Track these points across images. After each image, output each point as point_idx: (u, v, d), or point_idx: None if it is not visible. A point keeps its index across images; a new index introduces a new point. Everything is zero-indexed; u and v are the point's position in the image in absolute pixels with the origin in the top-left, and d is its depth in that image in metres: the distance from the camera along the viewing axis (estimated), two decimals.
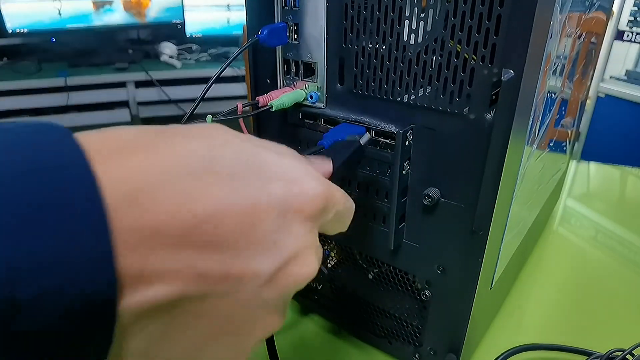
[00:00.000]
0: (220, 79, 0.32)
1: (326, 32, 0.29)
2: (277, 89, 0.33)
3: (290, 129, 0.34)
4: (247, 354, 0.18)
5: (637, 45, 1.91)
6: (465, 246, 0.28)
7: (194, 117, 0.26)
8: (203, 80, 1.66)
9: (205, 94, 0.29)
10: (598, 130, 1.91)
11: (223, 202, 0.15)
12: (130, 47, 1.86)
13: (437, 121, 0.27)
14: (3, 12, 1.57)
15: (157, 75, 1.65)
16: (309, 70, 0.32)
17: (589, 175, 0.79)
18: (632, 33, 1.77)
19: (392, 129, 0.28)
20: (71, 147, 0.13)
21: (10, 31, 1.61)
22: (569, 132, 0.50)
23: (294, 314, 0.41)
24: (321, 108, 0.31)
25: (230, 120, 0.28)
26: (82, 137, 0.13)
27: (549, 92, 0.31)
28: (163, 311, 0.14)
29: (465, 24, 0.24)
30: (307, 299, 0.41)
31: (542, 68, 0.27)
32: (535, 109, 0.29)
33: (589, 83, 0.52)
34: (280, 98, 0.31)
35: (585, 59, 0.43)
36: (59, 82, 1.55)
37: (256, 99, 0.31)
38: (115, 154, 0.14)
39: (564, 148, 0.50)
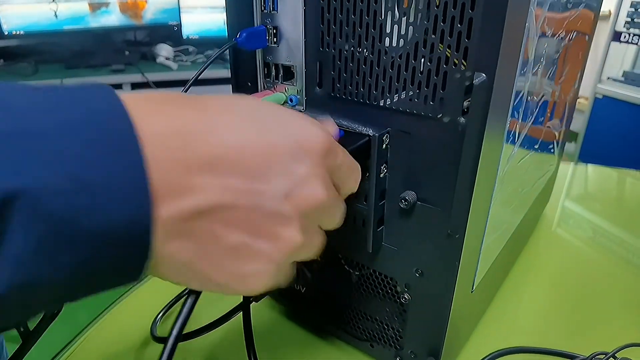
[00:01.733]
0: (213, 81, 0.32)
1: (304, 36, 0.29)
2: (257, 92, 0.33)
3: None
4: (273, 272, 0.21)
5: (634, 46, 1.91)
6: (442, 250, 0.28)
7: None
8: (199, 82, 1.65)
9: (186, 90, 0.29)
10: (596, 131, 1.90)
11: (247, 139, 0.19)
12: (127, 48, 1.86)
13: (413, 125, 0.27)
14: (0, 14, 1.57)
15: (153, 77, 1.65)
16: (289, 74, 0.32)
17: (587, 177, 0.79)
18: (629, 34, 1.77)
19: (370, 132, 0.28)
20: (113, 100, 0.17)
21: (6, 33, 1.61)
22: (557, 133, 0.50)
23: (279, 316, 0.41)
24: (301, 111, 0.31)
25: None
26: (123, 95, 0.18)
27: (529, 93, 0.31)
28: (199, 218, 0.18)
29: (437, 27, 0.24)
30: (291, 302, 0.41)
31: (518, 70, 0.27)
32: (513, 111, 0.29)
33: (577, 84, 0.52)
34: (274, 96, 0.31)
35: (571, 60, 0.43)
36: (55, 83, 1.55)
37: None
38: (151, 105, 0.18)
39: (552, 149, 0.50)
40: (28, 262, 0.15)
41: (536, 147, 0.40)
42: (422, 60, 0.25)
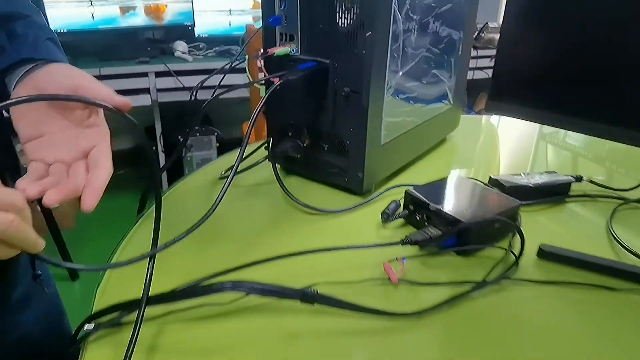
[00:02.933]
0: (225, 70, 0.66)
1: (299, 19, 0.64)
2: (276, 46, 0.68)
3: (282, 65, 0.68)
4: None
5: None
6: (360, 116, 0.63)
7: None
8: (210, 70, 2.00)
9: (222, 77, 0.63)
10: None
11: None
12: (150, 44, 2.20)
13: (345, 56, 0.61)
14: (48, 16, 1.91)
15: (173, 67, 2.00)
16: (292, 38, 0.66)
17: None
18: None
19: (327, 61, 0.62)
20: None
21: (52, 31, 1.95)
22: (446, 82, 0.84)
23: (283, 172, 0.75)
24: (298, 55, 0.66)
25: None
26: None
27: (405, 44, 0.66)
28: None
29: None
30: (290, 164, 0.75)
31: (390, 28, 0.61)
32: (393, 49, 0.63)
33: (460, 43, 0.87)
34: (279, 50, 0.66)
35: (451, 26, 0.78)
36: (93, 72, 1.88)
37: (267, 51, 0.65)
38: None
39: (444, 99, 0.84)
40: None
41: (424, 81, 0.75)
42: (345, 22, 0.59)
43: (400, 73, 0.67)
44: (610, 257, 0.54)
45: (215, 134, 2.25)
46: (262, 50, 0.66)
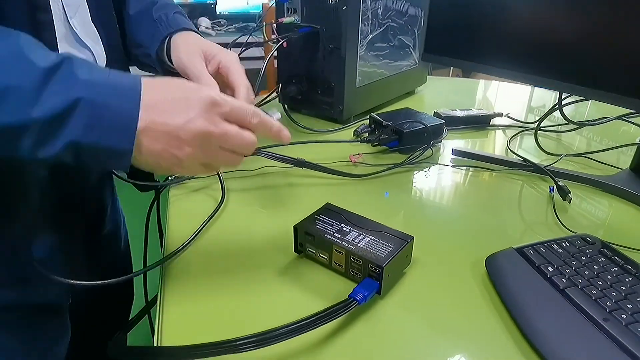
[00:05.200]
0: (241, 44, 0.95)
1: None
2: (283, 17, 0.97)
3: (288, 30, 0.97)
4: (187, 168, 0.44)
5: None
6: (340, 64, 0.92)
7: None
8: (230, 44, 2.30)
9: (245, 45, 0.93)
10: None
11: (168, 97, 0.42)
12: None
13: (330, 23, 0.90)
14: None
15: None
16: (295, 11, 0.95)
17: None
18: None
19: (318, 27, 0.91)
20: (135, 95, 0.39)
21: None
22: (411, 45, 1.12)
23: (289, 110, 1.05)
24: (299, 23, 0.95)
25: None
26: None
27: (372, 15, 0.95)
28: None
29: None
30: (294, 103, 1.05)
31: (360, 5, 0.90)
32: (363, 19, 0.92)
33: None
34: (287, 19, 0.95)
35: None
36: None
37: (279, 19, 0.95)
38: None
39: (408, 51, 1.12)
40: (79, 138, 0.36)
41: (391, 44, 1.04)
42: (331, 0, 0.88)
43: (370, 36, 0.96)
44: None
45: None
46: (275, 19, 0.96)
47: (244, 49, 0.95)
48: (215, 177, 0.72)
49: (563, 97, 0.76)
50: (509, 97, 1.28)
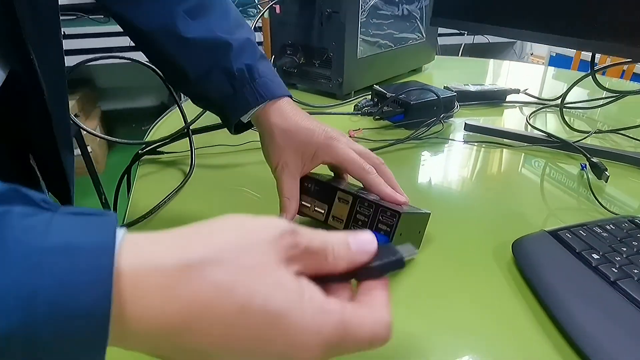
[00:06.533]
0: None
1: None
2: None
3: None
4: None
5: None
6: (340, 30, 0.82)
7: None
8: None
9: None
10: None
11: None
12: None
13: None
14: None
15: None
16: None
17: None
18: None
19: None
20: (105, 271, 0.18)
21: None
22: (418, 16, 1.02)
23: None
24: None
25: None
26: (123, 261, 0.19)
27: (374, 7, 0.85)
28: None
29: None
30: (289, 77, 0.95)
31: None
32: (363, 13, 0.82)
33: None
34: None
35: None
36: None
37: None
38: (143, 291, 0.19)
39: (415, 29, 1.02)
40: None
41: (396, 13, 0.93)
42: None
43: (373, 0, 0.86)
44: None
45: None
46: None
47: None
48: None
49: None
50: (524, 77, 1.17)
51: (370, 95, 0.82)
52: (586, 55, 2.21)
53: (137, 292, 0.19)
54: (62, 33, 0.50)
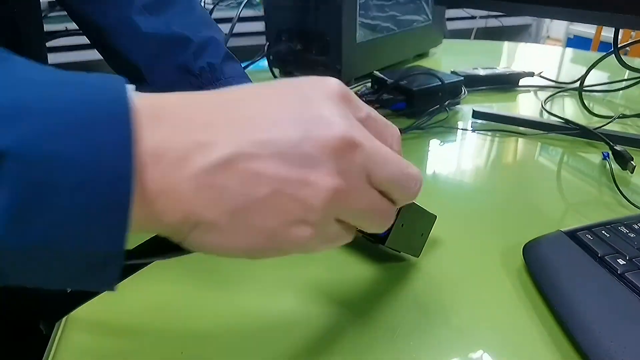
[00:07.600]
0: (244, 19, 0.80)
1: None
2: None
3: None
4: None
5: None
6: (337, 11, 0.76)
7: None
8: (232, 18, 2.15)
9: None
10: None
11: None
12: None
13: None
14: None
15: None
16: None
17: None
18: None
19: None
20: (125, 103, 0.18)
21: None
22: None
23: (278, 74, 0.90)
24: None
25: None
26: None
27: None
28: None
29: None
30: (284, 65, 0.89)
31: None
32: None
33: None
34: None
35: None
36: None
37: None
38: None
39: (420, 5, 0.96)
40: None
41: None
42: None
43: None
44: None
45: None
46: None
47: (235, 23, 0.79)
48: None
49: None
50: (539, 59, 1.10)
51: (370, 84, 0.76)
52: (606, 36, 2.10)
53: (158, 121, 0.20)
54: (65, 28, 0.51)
